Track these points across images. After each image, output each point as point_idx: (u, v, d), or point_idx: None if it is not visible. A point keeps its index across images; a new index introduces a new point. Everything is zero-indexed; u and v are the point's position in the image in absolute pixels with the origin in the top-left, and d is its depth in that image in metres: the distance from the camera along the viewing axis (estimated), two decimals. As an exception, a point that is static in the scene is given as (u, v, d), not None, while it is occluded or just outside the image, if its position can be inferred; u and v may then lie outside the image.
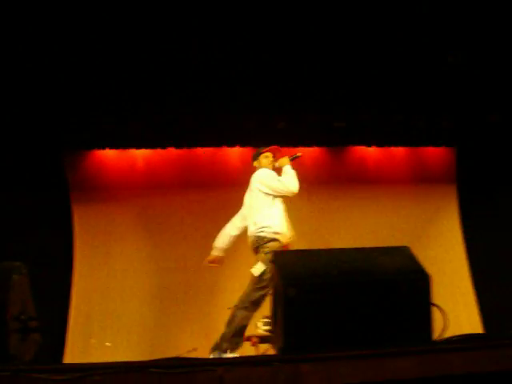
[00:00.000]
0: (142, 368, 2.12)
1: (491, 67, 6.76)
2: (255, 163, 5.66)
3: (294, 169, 5.43)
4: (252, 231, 5.29)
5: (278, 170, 5.54)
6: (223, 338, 4.99)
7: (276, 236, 5.16)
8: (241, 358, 2.83)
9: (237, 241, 7.73)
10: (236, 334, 4.99)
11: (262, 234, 5.18)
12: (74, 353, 6.93)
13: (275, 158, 5.61)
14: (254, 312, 5.07)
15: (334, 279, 2.59)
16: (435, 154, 8.49)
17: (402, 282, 2.60)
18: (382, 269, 2.69)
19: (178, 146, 7.66)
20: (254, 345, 6.07)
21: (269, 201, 5.32)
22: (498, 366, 2.60)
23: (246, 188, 5.53)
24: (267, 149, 5.63)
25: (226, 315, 6.65)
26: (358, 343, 2.54)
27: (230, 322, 5.05)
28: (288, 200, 5.65)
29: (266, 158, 5.59)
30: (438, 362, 2.50)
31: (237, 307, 5.08)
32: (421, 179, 8.30)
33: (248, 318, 5.05)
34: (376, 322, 2.59)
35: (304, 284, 2.55)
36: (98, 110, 6.95)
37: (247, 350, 6.14)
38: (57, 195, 7.37)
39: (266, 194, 5.33)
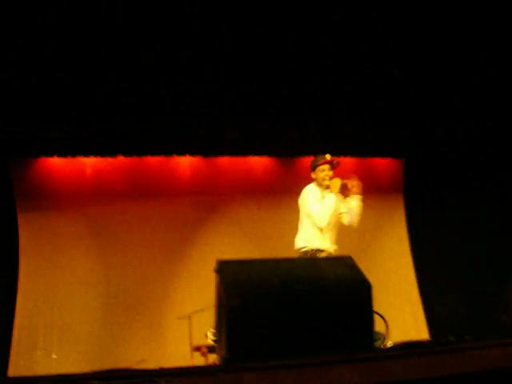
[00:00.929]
0: (82, 380, 2.09)
1: (439, 81, 6.95)
2: (312, 174, 5.30)
3: (337, 198, 5.16)
4: (297, 245, 5.22)
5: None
6: None
7: (317, 251, 4.98)
8: (183, 368, 2.81)
9: (189, 253, 7.73)
10: None
11: (304, 250, 5.08)
12: (19, 365, 6.74)
13: (334, 170, 5.24)
14: None
15: (276, 289, 2.61)
16: (383, 165, 8.67)
17: (343, 291, 2.66)
18: (325, 278, 2.74)
19: (127, 154, 7.58)
20: (203, 355, 6.08)
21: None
22: (438, 373, 2.65)
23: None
24: (323, 161, 5.22)
25: (176, 326, 6.65)
26: (302, 352, 2.57)
27: None
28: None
29: (322, 171, 5.21)
30: (379, 369, 2.55)
31: None
32: (369, 189, 8.39)
33: None
34: (319, 330, 2.63)
35: (247, 293, 2.57)
36: (45, 117, 6.81)
37: (196, 359, 6.14)
38: (2, 204, 7.18)
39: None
